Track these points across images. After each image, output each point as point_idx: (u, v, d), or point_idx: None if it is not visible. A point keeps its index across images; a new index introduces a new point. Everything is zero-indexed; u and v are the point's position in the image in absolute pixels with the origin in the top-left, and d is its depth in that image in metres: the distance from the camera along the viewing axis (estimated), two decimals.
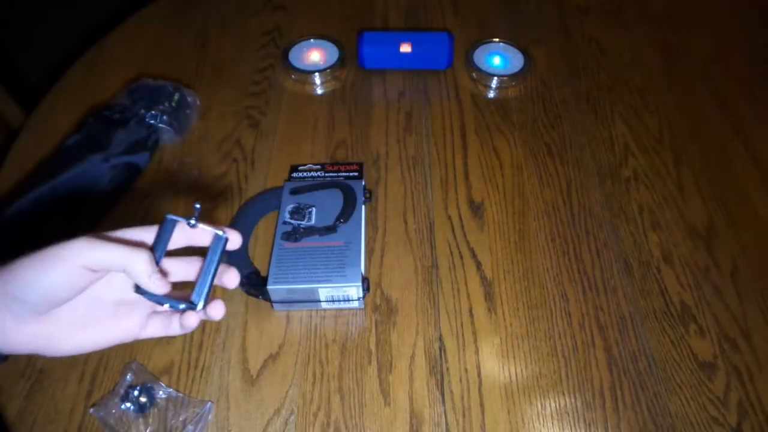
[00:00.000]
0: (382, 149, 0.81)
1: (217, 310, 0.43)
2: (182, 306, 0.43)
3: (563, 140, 0.82)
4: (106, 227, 0.72)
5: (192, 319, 0.43)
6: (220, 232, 0.43)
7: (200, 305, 0.43)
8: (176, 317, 0.44)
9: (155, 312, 0.45)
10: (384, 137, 0.82)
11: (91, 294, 0.42)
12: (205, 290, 0.43)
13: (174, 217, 0.43)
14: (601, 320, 0.65)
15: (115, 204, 0.74)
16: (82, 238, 0.38)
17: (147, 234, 0.42)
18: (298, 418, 0.58)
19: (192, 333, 0.64)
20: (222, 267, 0.44)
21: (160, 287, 0.40)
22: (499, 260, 0.69)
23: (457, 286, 0.67)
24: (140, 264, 0.39)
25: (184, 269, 0.45)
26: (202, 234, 0.44)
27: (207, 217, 0.73)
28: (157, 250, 0.42)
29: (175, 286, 0.44)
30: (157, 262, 0.41)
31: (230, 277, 0.44)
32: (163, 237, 0.43)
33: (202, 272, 0.43)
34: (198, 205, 0.43)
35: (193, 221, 0.43)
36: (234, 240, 0.44)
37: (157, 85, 0.82)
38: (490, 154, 0.80)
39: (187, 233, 0.43)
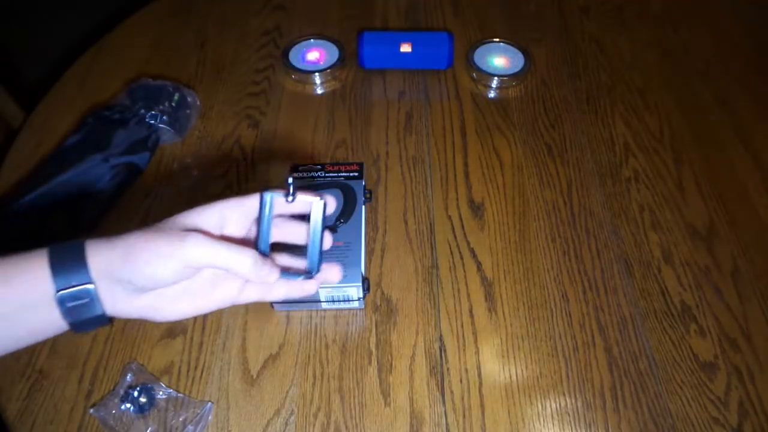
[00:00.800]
0: (382, 149, 0.81)
1: (334, 274, 0.47)
2: (300, 278, 0.45)
3: (563, 140, 0.82)
4: (106, 227, 0.72)
5: (312, 286, 0.46)
6: (318, 199, 0.45)
7: (316, 272, 0.45)
8: (277, 284, 0.46)
9: (250, 282, 0.47)
10: (384, 137, 0.82)
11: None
12: (317, 257, 0.45)
13: (272, 193, 0.45)
14: (602, 320, 0.65)
15: (115, 204, 0.74)
16: (194, 238, 0.40)
17: (246, 203, 0.44)
18: (298, 418, 0.58)
19: (192, 333, 0.64)
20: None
21: (269, 279, 0.43)
22: (499, 260, 0.69)
23: (457, 286, 0.67)
24: (245, 267, 0.41)
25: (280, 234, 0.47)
26: (294, 205, 0.45)
27: None
28: (262, 232, 0.44)
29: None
30: (265, 249, 0.44)
31: (327, 241, 0.47)
32: (265, 216, 0.44)
33: (310, 239, 0.45)
34: (291, 180, 0.44)
35: (291, 198, 0.44)
36: (330, 204, 0.46)
37: (157, 85, 0.82)
38: (491, 154, 0.80)
39: (281, 206, 0.45)
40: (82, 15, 1.88)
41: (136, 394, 0.58)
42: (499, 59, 0.91)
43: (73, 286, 0.39)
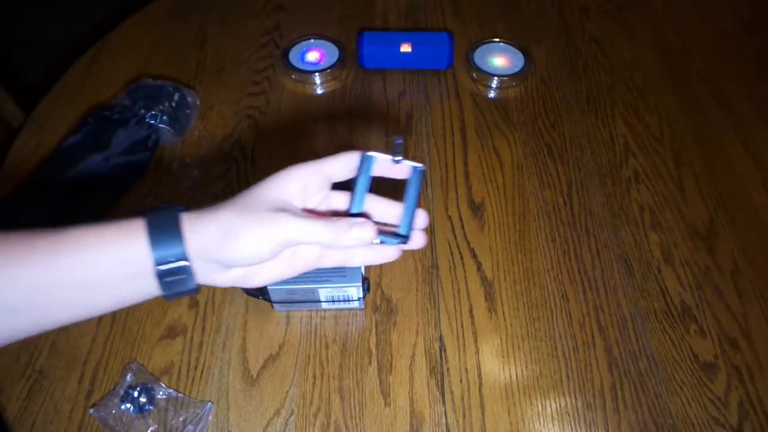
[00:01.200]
0: (382, 149, 0.80)
1: (419, 241, 0.46)
2: (396, 241, 0.44)
3: (563, 140, 0.82)
4: None
5: (395, 252, 0.46)
6: (419, 165, 0.45)
7: (409, 237, 0.45)
8: (357, 250, 0.46)
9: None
10: (384, 137, 0.82)
11: None
12: (410, 222, 0.45)
13: (375, 154, 0.44)
14: (602, 320, 0.65)
15: (114, 204, 0.74)
16: (287, 219, 0.41)
17: (325, 169, 0.44)
18: (298, 418, 0.58)
19: (192, 333, 0.64)
20: None
21: (365, 240, 0.42)
22: (499, 260, 0.69)
23: (457, 286, 0.67)
24: (341, 238, 0.42)
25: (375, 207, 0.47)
26: (393, 169, 0.45)
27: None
28: (358, 193, 0.44)
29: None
30: (359, 209, 0.44)
31: (421, 214, 0.47)
32: (363, 178, 0.44)
33: (406, 205, 0.45)
34: (401, 140, 0.44)
35: (399, 157, 0.44)
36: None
37: (157, 85, 0.82)
38: (490, 154, 0.80)
39: (381, 169, 0.45)
40: (82, 15, 1.88)
41: (136, 394, 0.58)
42: (499, 59, 0.91)
43: (171, 262, 0.40)
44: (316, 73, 0.89)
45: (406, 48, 0.87)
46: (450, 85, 0.89)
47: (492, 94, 0.88)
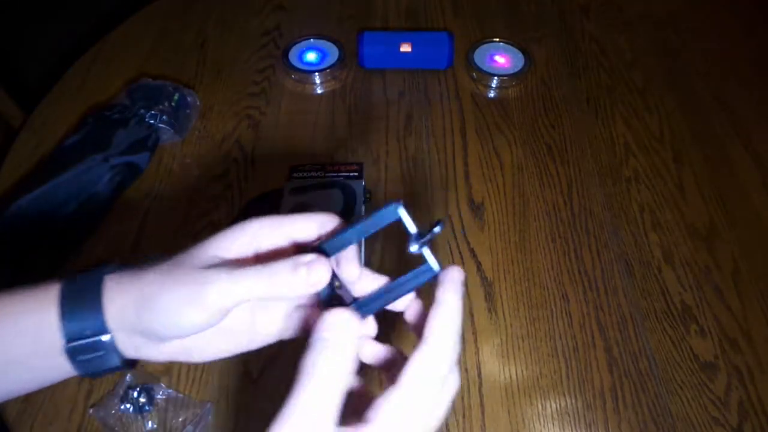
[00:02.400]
0: (382, 149, 0.81)
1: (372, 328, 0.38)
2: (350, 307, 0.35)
3: (563, 140, 0.82)
4: (105, 227, 0.72)
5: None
6: (436, 267, 0.34)
7: (363, 316, 0.35)
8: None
9: (298, 307, 0.39)
10: (384, 137, 0.82)
11: None
12: (378, 305, 0.36)
13: (404, 217, 0.34)
14: (602, 320, 0.65)
15: (115, 204, 0.74)
16: (216, 280, 0.33)
17: (284, 226, 0.36)
18: None
19: None
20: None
21: (316, 285, 0.33)
22: (499, 260, 0.69)
23: None
24: (281, 287, 0.33)
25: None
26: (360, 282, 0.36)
27: (206, 217, 0.73)
28: (355, 242, 0.35)
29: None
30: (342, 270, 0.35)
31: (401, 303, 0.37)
32: (372, 227, 0.35)
33: (388, 287, 0.36)
34: (440, 228, 0.34)
35: (420, 246, 0.34)
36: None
37: (157, 85, 0.82)
38: (490, 154, 0.80)
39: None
40: (82, 15, 1.88)
41: (136, 394, 0.58)
42: (499, 59, 0.91)
43: (87, 337, 0.34)
44: (316, 73, 0.89)
45: (406, 48, 0.87)
46: (450, 85, 0.89)
47: (492, 94, 0.88)
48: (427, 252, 0.34)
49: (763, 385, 0.60)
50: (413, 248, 0.34)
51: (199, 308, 0.33)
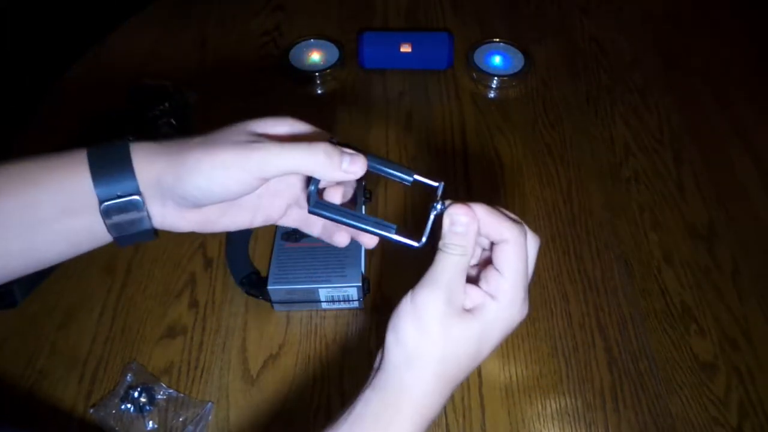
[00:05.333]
0: (382, 149, 0.81)
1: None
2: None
3: (563, 140, 0.82)
4: None
5: (372, 241, 0.43)
6: (423, 239, 0.42)
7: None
8: (315, 219, 0.42)
9: (297, 204, 0.44)
10: (384, 137, 0.82)
11: None
12: (333, 218, 0.39)
13: (422, 180, 0.43)
14: (602, 320, 0.65)
15: None
16: (263, 145, 0.35)
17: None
18: (298, 418, 0.58)
19: (192, 333, 0.64)
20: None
21: (356, 174, 0.38)
22: None
23: None
24: (321, 163, 0.36)
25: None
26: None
27: None
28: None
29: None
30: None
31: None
32: (386, 168, 0.41)
33: (352, 214, 0.40)
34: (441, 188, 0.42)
35: (439, 207, 0.42)
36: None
37: (157, 85, 0.82)
38: (490, 154, 0.80)
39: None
40: (82, 15, 1.88)
41: (136, 394, 0.58)
42: (499, 59, 0.91)
43: (119, 197, 0.35)
44: (316, 73, 0.89)
45: (406, 48, 0.87)
46: (450, 85, 0.89)
47: (492, 94, 0.88)
48: (430, 220, 0.41)
49: (763, 385, 0.60)
50: (438, 206, 0.42)
51: (239, 176, 0.35)
